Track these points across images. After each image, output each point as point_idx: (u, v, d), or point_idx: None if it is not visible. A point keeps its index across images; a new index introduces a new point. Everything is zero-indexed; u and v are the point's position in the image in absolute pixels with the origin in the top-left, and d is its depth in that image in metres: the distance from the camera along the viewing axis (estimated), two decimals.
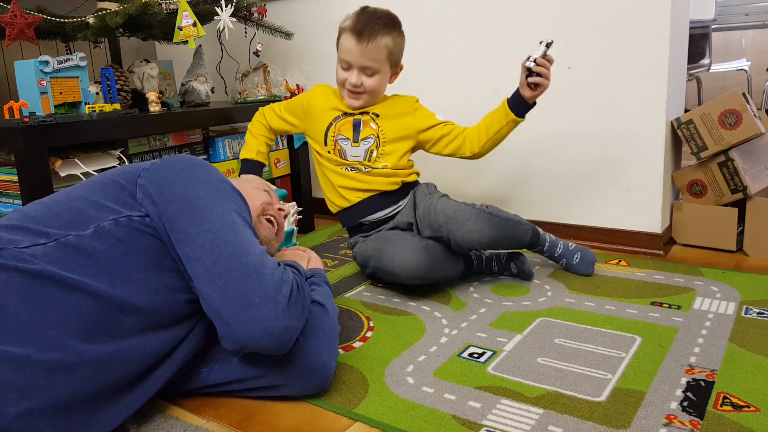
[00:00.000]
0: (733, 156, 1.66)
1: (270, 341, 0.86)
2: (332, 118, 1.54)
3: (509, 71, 1.84)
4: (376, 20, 1.43)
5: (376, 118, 1.53)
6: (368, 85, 1.47)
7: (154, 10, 1.62)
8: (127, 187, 0.92)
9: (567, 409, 0.94)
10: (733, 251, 1.68)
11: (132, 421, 0.96)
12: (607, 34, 1.67)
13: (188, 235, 0.88)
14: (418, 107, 1.58)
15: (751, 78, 3.16)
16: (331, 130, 1.54)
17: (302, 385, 0.99)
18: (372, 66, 1.45)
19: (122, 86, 1.79)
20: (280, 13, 2.22)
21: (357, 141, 1.52)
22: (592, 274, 1.53)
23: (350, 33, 1.44)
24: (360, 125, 1.53)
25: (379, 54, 1.44)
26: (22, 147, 1.28)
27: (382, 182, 1.52)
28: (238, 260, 0.87)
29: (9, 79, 2.16)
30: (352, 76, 1.46)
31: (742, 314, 1.27)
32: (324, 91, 1.60)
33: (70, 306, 0.81)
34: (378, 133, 1.52)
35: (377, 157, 1.52)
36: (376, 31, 1.42)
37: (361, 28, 1.42)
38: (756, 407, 0.93)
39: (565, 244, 1.56)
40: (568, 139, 1.79)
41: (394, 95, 1.60)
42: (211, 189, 0.93)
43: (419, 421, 0.93)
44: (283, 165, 2.04)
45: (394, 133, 1.53)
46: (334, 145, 1.53)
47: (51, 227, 0.85)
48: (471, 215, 1.38)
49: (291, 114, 1.62)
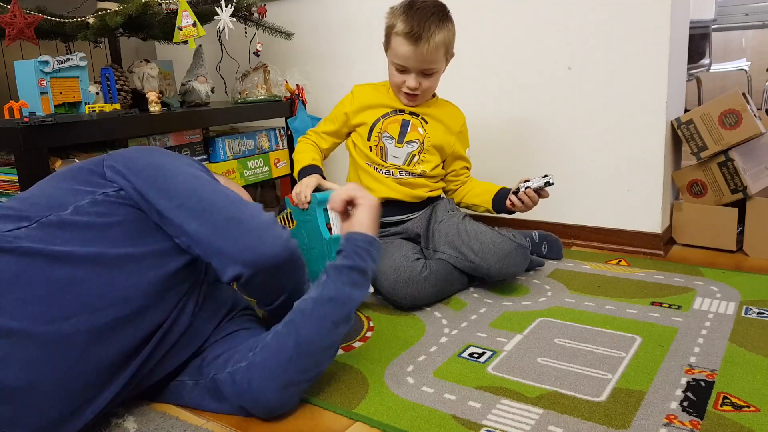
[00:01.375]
0: (733, 156, 1.66)
1: (267, 246, 0.90)
2: (381, 114, 1.50)
3: (507, 71, 1.85)
4: (429, 18, 1.36)
5: (425, 124, 1.50)
6: (426, 86, 1.44)
7: (154, 10, 1.62)
8: (96, 170, 0.96)
9: (567, 409, 0.94)
10: (733, 251, 1.68)
11: (132, 421, 0.96)
12: (607, 34, 1.67)
13: (166, 190, 0.93)
14: (464, 131, 1.57)
15: (751, 78, 3.16)
16: (378, 125, 1.50)
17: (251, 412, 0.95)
18: (431, 67, 1.41)
19: (122, 86, 1.79)
20: (280, 13, 2.22)
21: (401, 142, 1.49)
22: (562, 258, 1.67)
23: (405, 38, 1.36)
24: (408, 127, 1.49)
25: (438, 54, 1.39)
26: (22, 147, 1.28)
27: (408, 194, 1.50)
28: (220, 195, 0.94)
29: (9, 79, 2.16)
30: (410, 79, 1.42)
31: (742, 314, 1.27)
32: (367, 89, 1.55)
33: (61, 279, 0.82)
34: (423, 139, 1.49)
35: (417, 162, 1.50)
36: (432, 30, 1.35)
37: (418, 31, 1.34)
38: (756, 407, 0.93)
39: (532, 239, 1.64)
40: (568, 139, 1.79)
41: (446, 102, 1.58)
42: (172, 158, 1.01)
43: (419, 421, 0.93)
44: (283, 165, 2.04)
45: (437, 141, 1.51)
46: (377, 141, 1.50)
47: (31, 212, 0.88)
48: (510, 250, 1.37)
49: (333, 125, 1.57)
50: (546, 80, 1.79)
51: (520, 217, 1.89)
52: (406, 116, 1.50)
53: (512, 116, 1.87)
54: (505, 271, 1.38)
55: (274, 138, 2.02)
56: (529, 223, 1.86)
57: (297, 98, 2.02)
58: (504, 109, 1.88)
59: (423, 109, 1.51)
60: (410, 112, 1.50)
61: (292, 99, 2.02)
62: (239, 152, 1.88)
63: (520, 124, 1.86)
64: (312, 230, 1.35)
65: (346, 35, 2.15)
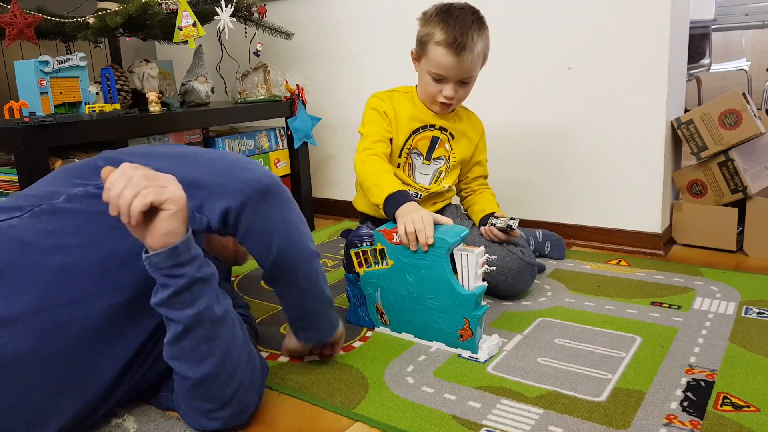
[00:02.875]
0: (733, 156, 1.66)
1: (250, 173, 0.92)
2: (412, 129, 1.42)
3: (507, 71, 1.85)
4: (471, 26, 1.29)
5: (452, 139, 1.45)
6: (462, 95, 1.38)
7: (154, 10, 1.62)
8: (88, 163, 0.96)
9: (567, 409, 0.94)
10: (733, 251, 1.68)
11: (132, 421, 0.96)
12: (607, 34, 1.67)
13: (153, 153, 0.95)
14: (482, 136, 1.53)
15: (751, 78, 3.16)
16: (409, 141, 1.42)
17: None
18: (470, 76, 1.35)
19: (122, 86, 1.79)
20: (280, 13, 2.22)
21: (429, 159, 1.45)
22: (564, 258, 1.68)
23: (447, 48, 1.28)
24: (437, 144, 1.44)
25: (477, 62, 1.34)
26: (22, 147, 1.28)
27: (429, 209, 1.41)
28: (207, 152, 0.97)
29: (9, 79, 2.16)
30: (447, 89, 1.34)
31: (742, 314, 1.27)
32: (401, 99, 1.44)
33: (55, 267, 0.82)
34: (449, 156, 1.47)
35: (443, 178, 1.48)
36: (475, 40, 1.29)
37: (462, 42, 1.28)
38: (756, 407, 0.93)
39: (535, 238, 1.64)
40: (568, 139, 1.79)
41: (465, 110, 1.52)
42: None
43: (419, 421, 0.93)
44: (283, 165, 2.04)
45: (462, 156, 1.48)
46: (406, 158, 1.44)
47: (24, 203, 0.89)
48: (519, 269, 1.36)
49: (384, 129, 1.40)
50: (546, 80, 1.79)
51: (521, 218, 1.89)
52: (435, 132, 1.43)
53: (512, 116, 1.87)
54: (512, 290, 1.38)
55: (274, 138, 2.02)
56: (530, 222, 1.86)
57: (297, 98, 2.02)
58: (504, 109, 1.88)
59: (450, 123, 1.45)
60: (440, 127, 1.44)
61: (292, 99, 2.02)
62: (239, 152, 1.88)
63: (520, 124, 1.86)
64: (431, 278, 1.13)
65: (346, 35, 2.15)
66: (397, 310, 1.21)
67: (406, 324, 1.21)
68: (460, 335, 1.13)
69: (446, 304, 1.12)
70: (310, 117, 2.04)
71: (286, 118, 2.02)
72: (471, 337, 1.11)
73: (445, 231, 1.12)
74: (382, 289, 1.22)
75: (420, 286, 1.15)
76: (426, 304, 1.15)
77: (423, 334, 1.19)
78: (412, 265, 1.15)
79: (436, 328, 1.16)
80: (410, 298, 1.17)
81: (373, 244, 1.20)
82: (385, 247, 1.18)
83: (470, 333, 1.11)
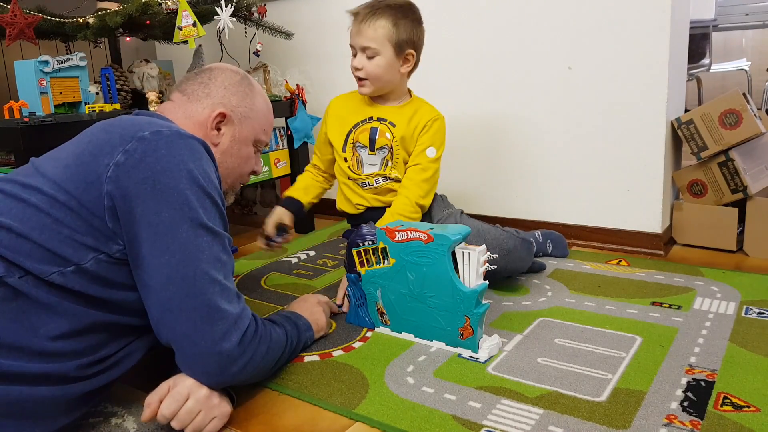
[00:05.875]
0: (733, 156, 1.66)
1: (205, 378, 0.90)
2: (352, 124, 1.52)
3: (507, 71, 1.85)
4: (383, 7, 1.40)
5: (392, 128, 1.49)
6: (369, 69, 1.43)
7: (154, 10, 1.62)
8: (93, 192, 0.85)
9: (567, 409, 0.94)
10: (734, 251, 1.68)
11: (132, 421, 0.96)
12: (607, 34, 1.67)
13: (147, 263, 0.86)
14: (429, 130, 1.46)
15: (751, 78, 3.16)
16: (351, 136, 1.51)
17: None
18: (370, 46, 1.41)
19: (122, 86, 1.79)
20: (280, 13, 2.22)
21: (373, 150, 1.50)
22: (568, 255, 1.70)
23: (352, 16, 1.44)
24: (376, 134, 1.49)
25: (376, 33, 1.40)
26: (22, 147, 1.28)
27: (388, 201, 1.49)
28: (194, 300, 0.86)
29: (9, 79, 2.16)
30: (354, 60, 1.45)
31: (742, 314, 1.27)
32: (339, 101, 1.59)
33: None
34: (392, 144, 1.48)
35: (392, 167, 1.50)
36: (377, 12, 1.40)
37: (363, 12, 1.42)
38: (756, 407, 0.93)
39: (535, 239, 1.64)
40: (568, 138, 1.79)
41: (420, 101, 1.53)
42: (178, 203, 0.86)
43: (419, 421, 0.93)
44: (283, 165, 2.04)
45: (403, 143, 1.48)
46: (352, 152, 1.51)
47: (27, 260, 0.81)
48: (515, 245, 1.39)
49: (321, 141, 1.60)
50: (546, 80, 1.79)
51: (521, 218, 1.90)
52: (374, 123, 1.50)
53: (512, 116, 1.87)
54: (510, 267, 1.40)
55: (274, 138, 2.02)
56: (530, 223, 1.86)
57: (297, 98, 2.02)
58: (504, 109, 1.88)
59: (390, 114, 1.49)
60: (378, 118, 1.50)
61: (292, 99, 2.02)
62: None
63: (520, 124, 1.86)
64: (432, 276, 1.13)
65: (346, 35, 2.14)
66: (398, 309, 1.21)
67: (407, 323, 1.21)
68: (461, 333, 1.13)
69: (447, 301, 1.12)
70: (310, 117, 2.04)
71: (286, 117, 2.02)
72: (471, 335, 1.11)
73: (447, 229, 1.13)
74: (384, 288, 1.22)
75: (421, 284, 1.15)
76: (427, 302, 1.16)
77: (423, 334, 1.19)
78: (413, 263, 1.15)
79: (437, 326, 1.16)
80: (411, 296, 1.18)
81: (375, 243, 1.21)
82: (387, 246, 1.19)
83: (471, 331, 1.11)
